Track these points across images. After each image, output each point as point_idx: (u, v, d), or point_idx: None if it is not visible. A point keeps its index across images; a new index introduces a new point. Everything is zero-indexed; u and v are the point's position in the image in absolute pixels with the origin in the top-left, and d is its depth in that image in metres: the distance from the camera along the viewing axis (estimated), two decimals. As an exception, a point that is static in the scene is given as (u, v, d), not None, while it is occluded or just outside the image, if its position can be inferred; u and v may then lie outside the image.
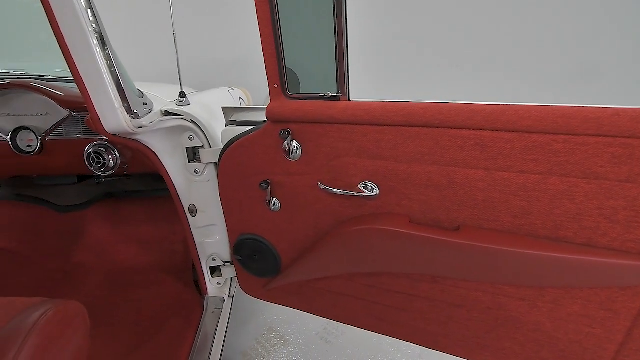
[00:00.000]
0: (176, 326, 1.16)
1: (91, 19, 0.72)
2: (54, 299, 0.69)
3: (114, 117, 0.79)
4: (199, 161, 1.07)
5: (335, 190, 0.81)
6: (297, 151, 0.83)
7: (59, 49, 0.74)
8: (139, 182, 1.54)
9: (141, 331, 1.16)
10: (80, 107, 0.99)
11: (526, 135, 0.65)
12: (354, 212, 0.84)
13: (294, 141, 0.82)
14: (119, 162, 1.05)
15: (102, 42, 0.75)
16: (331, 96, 0.77)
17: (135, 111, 0.83)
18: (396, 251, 0.82)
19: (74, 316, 0.69)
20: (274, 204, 0.94)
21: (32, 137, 1.01)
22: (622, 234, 0.64)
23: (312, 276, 1.01)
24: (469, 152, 0.69)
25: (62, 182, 1.46)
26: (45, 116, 1.00)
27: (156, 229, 1.51)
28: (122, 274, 1.40)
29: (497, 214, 0.72)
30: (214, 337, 1.12)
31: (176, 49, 0.99)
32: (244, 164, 0.92)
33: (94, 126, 0.81)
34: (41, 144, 1.01)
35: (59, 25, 0.71)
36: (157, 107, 0.97)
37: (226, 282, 1.27)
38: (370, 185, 0.79)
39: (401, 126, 0.72)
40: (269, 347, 1.42)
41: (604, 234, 0.66)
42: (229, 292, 1.28)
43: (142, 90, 0.94)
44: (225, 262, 1.23)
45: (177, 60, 1.01)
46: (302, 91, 0.81)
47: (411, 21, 2.19)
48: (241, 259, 1.10)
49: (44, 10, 0.70)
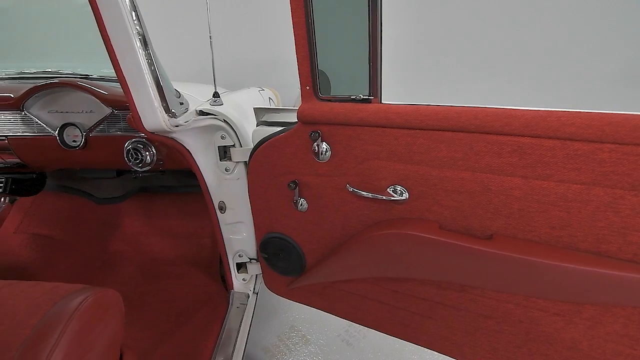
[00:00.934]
0: (203, 319, 1.20)
1: (135, 22, 0.76)
2: (93, 287, 0.73)
3: (153, 115, 0.83)
4: (230, 159, 1.10)
5: (363, 193, 0.81)
6: (326, 153, 0.83)
7: (106, 50, 0.79)
8: (172, 178, 1.60)
9: (169, 321, 1.21)
10: (121, 106, 1.05)
11: (569, 143, 0.61)
12: (382, 215, 0.83)
13: (324, 143, 0.82)
14: (155, 158, 1.10)
15: (145, 43, 0.79)
16: (363, 98, 0.77)
17: (172, 110, 0.86)
18: (424, 257, 0.80)
19: (111, 303, 0.73)
20: (301, 204, 0.94)
21: (78, 132, 1.07)
22: None
23: (336, 278, 1.01)
24: (505, 158, 0.67)
25: (102, 176, 1.55)
26: (89, 113, 1.07)
27: (186, 223, 1.56)
28: (153, 265, 1.46)
29: (534, 224, 0.69)
30: (239, 332, 1.15)
31: (212, 51, 1.02)
32: (273, 163, 0.94)
33: (135, 124, 0.85)
34: (85, 139, 1.08)
35: (106, 28, 0.75)
36: (192, 107, 1.01)
37: (251, 278, 1.30)
38: (399, 189, 0.78)
39: (434, 130, 0.70)
40: (291, 345, 1.43)
41: None
42: (254, 289, 1.30)
43: (178, 90, 0.98)
44: (251, 259, 1.25)
45: (212, 61, 1.04)
46: (333, 93, 0.81)
47: (440, 23, 2.15)
48: (267, 256, 1.12)
49: (93, 13, 0.75)
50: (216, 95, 1.07)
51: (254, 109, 1.05)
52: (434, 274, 0.84)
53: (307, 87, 0.80)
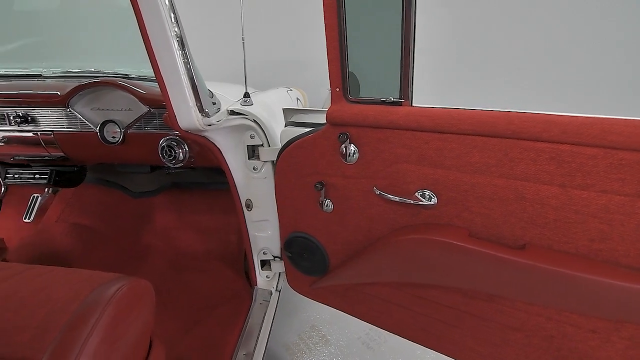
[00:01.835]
0: (227, 312, 1.23)
1: (173, 24, 0.79)
2: (128, 276, 0.76)
3: (187, 115, 0.86)
4: (258, 159, 1.12)
5: (390, 196, 0.80)
6: (354, 155, 0.83)
7: (145, 51, 0.82)
8: (202, 174, 1.65)
9: (195, 313, 1.25)
10: (157, 105, 1.09)
11: (612, 151, 0.58)
12: (409, 220, 0.82)
13: (352, 145, 0.82)
14: (187, 155, 1.14)
15: (182, 45, 0.82)
16: (393, 101, 0.76)
17: (206, 110, 0.89)
18: (451, 264, 0.78)
19: (144, 293, 0.77)
20: (327, 205, 0.95)
21: (117, 129, 1.13)
22: None
23: (359, 280, 1.01)
24: (542, 166, 0.64)
25: (137, 171, 1.62)
26: (128, 111, 1.12)
27: (214, 219, 1.61)
28: (181, 258, 1.51)
29: (571, 235, 0.65)
30: (261, 328, 1.17)
31: (244, 52, 1.05)
32: (300, 164, 0.95)
33: (170, 122, 0.89)
34: (123, 135, 1.13)
35: (147, 29, 0.79)
36: (224, 107, 1.03)
37: (274, 276, 1.32)
38: (428, 194, 0.77)
39: (467, 135, 0.69)
40: (311, 344, 1.44)
41: None
42: (277, 286, 1.32)
43: (211, 89, 1.01)
44: (275, 257, 1.27)
45: (244, 62, 1.06)
46: (362, 95, 0.81)
47: (474, 24, 2.08)
48: (291, 255, 1.13)
49: (135, 15, 0.78)
50: (247, 95, 1.10)
51: (283, 109, 1.06)
52: (461, 282, 0.82)
53: (337, 89, 0.80)
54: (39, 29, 1.61)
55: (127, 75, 1.24)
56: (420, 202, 0.77)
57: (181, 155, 1.12)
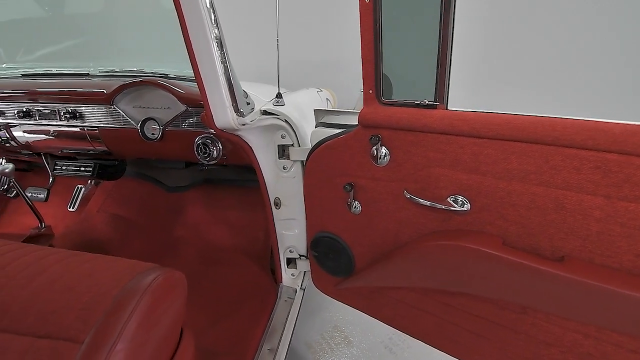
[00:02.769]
0: (252, 307, 1.26)
1: (213, 25, 0.82)
2: (164, 267, 0.80)
3: (223, 114, 0.89)
4: (288, 158, 1.14)
5: (421, 200, 0.79)
6: (385, 157, 0.83)
7: (186, 52, 0.86)
8: (233, 171, 1.70)
9: (222, 307, 1.29)
10: (195, 104, 1.14)
11: None
12: (439, 225, 0.80)
13: (383, 147, 0.82)
14: (221, 153, 1.18)
15: (221, 47, 0.85)
16: (428, 104, 0.75)
17: (241, 110, 0.92)
18: (483, 273, 0.76)
19: (177, 284, 0.80)
20: (355, 207, 0.95)
21: (156, 126, 1.19)
22: None
23: (385, 283, 1.00)
24: (586, 175, 0.61)
25: (172, 166, 1.70)
26: (167, 109, 1.18)
27: (242, 215, 1.65)
28: (210, 251, 1.56)
29: (615, 249, 0.62)
30: (285, 325, 1.19)
31: (277, 54, 1.07)
32: (330, 164, 0.95)
33: (207, 121, 0.92)
34: (162, 132, 1.19)
35: (188, 31, 0.82)
36: (257, 107, 1.06)
37: (300, 274, 1.33)
38: (461, 199, 0.75)
39: (505, 140, 0.66)
40: (333, 345, 1.45)
41: None
42: (301, 285, 1.34)
43: (245, 90, 1.04)
44: (301, 256, 1.29)
45: (278, 63, 1.08)
46: (395, 97, 0.80)
47: (513, 24, 2.00)
48: (317, 255, 1.14)
49: (178, 18, 0.82)
50: (279, 96, 1.12)
51: (314, 110, 1.07)
52: (492, 292, 0.80)
53: (370, 91, 0.80)
54: (87, 31, 1.72)
55: (167, 75, 1.29)
56: (452, 208, 0.75)
57: (215, 152, 1.16)
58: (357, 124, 0.86)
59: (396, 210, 0.87)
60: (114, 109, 1.22)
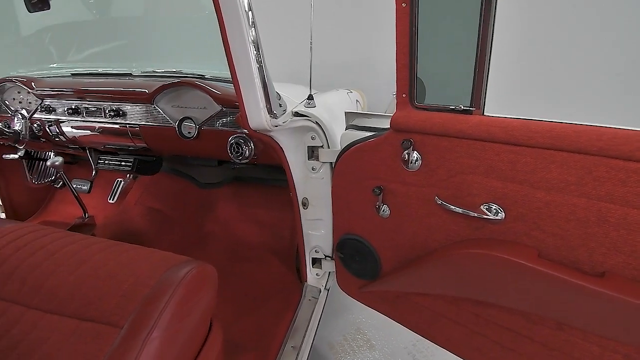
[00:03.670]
0: (277, 305, 1.28)
1: (251, 28, 0.84)
2: (197, 260, 0.84)
3: (257, 115, 0.91)
4: (317, 159, 1.15)
5: (453, 207, 0.77)
6: (416, 162, 0.82)
7: (225, 54, 0.89)
8: (263, 170, 1.74)
9: (248, 301, 1.32)
10: (229, 104, 1.17)
11: None
12: (471, 233, 0.79)
13: (415, 152, 0.81)
14: (252, 152, 1.21)
15: (257, 49, 0.87)
16: (463, 109, 0.74)
17: (274, 112, 0.94)
18: (517, 285, 0.74)
19: (209, 277, 0.83)
20: (383, 210, 0.94)
21: (192, 125, 1.24)
22: None
23: (411, 289, 0.99)
24: (633, 188, 0.58)
25: (206, 164, 1.76)
26: (203, 109, 1.22)
27: (270, 214, 1.68)
28: (239, 247, 1.61)
29: None
30: (309, 324, 1.20)
31: (311, 56, 1.08)
32: (360, 167, 0.95)
33: (241, 122, 0.95)
34: (198, 131, 1.24)
35: (227, 35, 0.85)
36: (289, 108, 1.08)
37: (324, 274, 1.34)
38: (495, 208, 0.73)
39: (545, 149, 0.64)
40: (355, 347, 1.45)
41: None
42: (325, 285, 1.35)
43: (278, 92, 1.06)
44: (326, 256, 1.29)
45: (310, 66, 1.10)
46: (428, 101, 0.79)
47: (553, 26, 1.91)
48: (342, 256, 1.15)
49: (218, 22, 0.85)
50: (310, 97, 1.13)
51: (345, 112, 1.08)
52: (525, 305, 0.77)
53: (404, 95, 0.80)
54: (131, 33, 1.82)
55: (203, 75, 1.34)
56: (485, 216, 0.74)
57: (247, 152, 1.20)
58: (388, 127, 0.86)
59: (426, 215, 0.85)
60: (154, 108, 1.28)
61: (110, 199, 1.76)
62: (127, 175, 1.80)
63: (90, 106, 1.37)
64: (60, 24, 1.77)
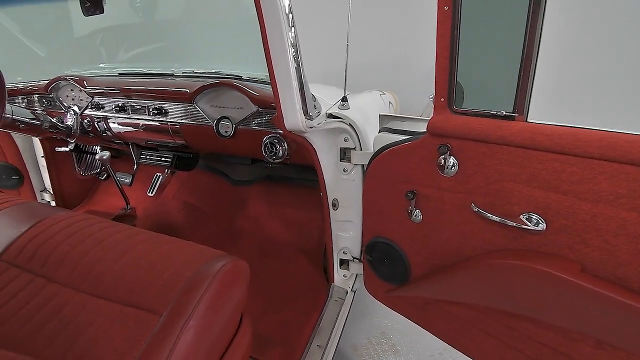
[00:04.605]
0: (304, 303, 1.30)
1: (290, 31, 0.86)
2: (231, 255, 0.87)
3: (294, 117, 0.93)
4: (349, 161, 1.16)
5: (490, 215, 0.75)
6: (452, 167, 0.80)
7: (264, 56, 0.91)
8: (293, 170, 1.77)
9: (275, 298, 1.35)
10: (265, 105, 1.20)
11: None
12: (509, 243, 0.76)
13: (452, 157, 0.80)
14: (286, 152, 1.23)
15: (296, 52, 0.89)
16: (505, 115, 0.71)
17: (310, 113, 0.96)
18: (556, 300, 0.71)
19: (242, 272, 0.86)
20: (416, 215, 0.93)
21: (229, 124, 1.28)
22: None
23: (442, 297, 0.97)
24: None
25: (240, 162, 1.81)
26: (240, 109, 1.26)
27: (299, 213, 1.71)
28: (268, 244, 1.64)
29: None
30: (334, 324, 1.21)
31: (347, 56, 1.08)
32: (393, 170, 0.95)
33: (277, 122, 0.97)
34: (234, 130, 1.28)
35: (267, 37, 0.87)
36: (323, 110, 1.09)
37: (351, 276, 1.34)
38: (535, 218, 0.70)
39: (593, 159, 0.61)
40: (380, 351, 1.44)
41: None
42: (352, 286, 1.35)
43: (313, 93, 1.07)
44: (354, 258, 1.30)
45: (346, 67, 1.10)
46: (466, 106, 0.77)
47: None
48: (371, 259, 1.14)
49: (259, 25, 0.87)
50: (345, 99, 1.14)
51: (380, 115, 1.07)
52: (564, 321, 0.74)
53: (442, 99, 0.79)
54: (172, 35, 1.91)
55: (240, 76, 1.38)
56: (524, 226, 0.71)
57: (280, 152, 1.22)
58: (423, 131, 0.85)
59: (461, 222, 0.84)
60: (194, 107, 1.34)
61: (149, 192, 1.85)
62: (165, 170, 1.88)
63: (135, 104, 1.45)
64: (108, 27, 1.89)
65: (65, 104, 1.60)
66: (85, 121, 1.59)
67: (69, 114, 1.57)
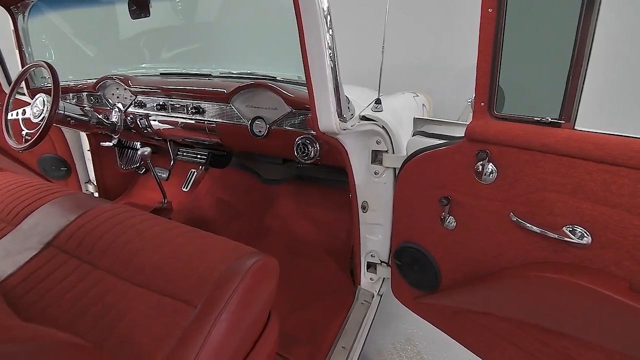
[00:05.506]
0: (330, 303, 1.30)
1: (328, 33, 0.86)
2: (262, 252, 0.89)
3: (328, 118, 0.94)
4: (380, 164, 1.15)
5: (530, 225, 0.72)
6: (491, 175, 0.78)
7: (301, 58, 0.92)
8: (323, 171, 1.78)
9: (302, 297, 1.36)
10: (299, 106, 1.22)
11: None
12: (549, 255, 0.73)
13: (490, 164, 0.77)
14: (318, 153, 1.24)
15: (333, 56, 0.89)
16: (551, 121, 0.68)
17: (344, 115, 0.96)
18: (599, 318, 0.67)
19: (272, 269, 0.88)
20: (449, 222, 0.91)
21: (263, 124, 1.31)
22: None
23: (474, 307, 0.94)
24: None
25: (271, 161, 1.85)
26: (274, 110, 1.29)
27: (327, 214, 1.71)
28: (296, 243, 1.66)
29: None
30: (360, 326, 1.20)
31: (382, 58, 1.08)
32: (426, 175, 0.93)
33: (312, 124, 0.98)
34: (268, 131, 1.31)
35: (305, 40, 0.88)
36: (357, 112, 1.09)
37: (378, 280, 1.33)
38: (580, 231, 0.67)
39: None
40: (405, 357, 1.41)
41: None
42: (379, 290, 1.34)
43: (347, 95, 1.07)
44: (382, 262, 1.28)
45: (381, 69, 1.10)
46: (506, 111, 0.75)
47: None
48: (400, 264, 1.13)
49: (297, 28, 0.88)
50: (378, 102, 1.13)
51: (414, 118, 1.06)
52: (607, 341, 0.69)
53: (482, 104, 0.76)
54: (210, 37, 1.98)
55: (275, 78, 1.41)
56: (568, 239, 0.68)
57: (312, 152, 1.23)
58: (459, 136, 0.83)
59: (498, 231, 0.81)
60: (230, 107, 1.38)
61: (184, 187, 1.93)
62: (200, 166, 1.95)
63: (175, 103, 1.52)
64: (151, 29, 1.98)
65: (110, 102, 1.70)
66: (128, 118, 1.69)
67: (114, 111, 1.67)
